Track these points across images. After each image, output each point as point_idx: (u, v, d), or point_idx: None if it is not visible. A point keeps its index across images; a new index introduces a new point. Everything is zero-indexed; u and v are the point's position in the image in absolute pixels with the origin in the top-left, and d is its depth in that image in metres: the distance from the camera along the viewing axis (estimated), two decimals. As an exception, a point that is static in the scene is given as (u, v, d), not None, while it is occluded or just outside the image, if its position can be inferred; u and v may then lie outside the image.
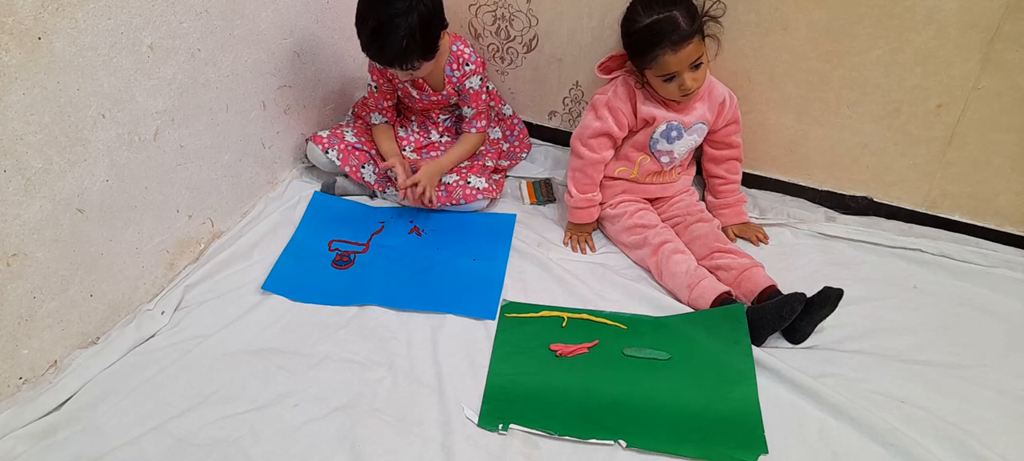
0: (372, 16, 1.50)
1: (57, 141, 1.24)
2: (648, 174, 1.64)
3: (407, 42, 1.49)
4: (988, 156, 1.53)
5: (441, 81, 1.71)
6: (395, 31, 1.47)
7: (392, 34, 1.48)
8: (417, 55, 1.53)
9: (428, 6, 1.51)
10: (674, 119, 1.55)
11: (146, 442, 1.21)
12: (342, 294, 1.51)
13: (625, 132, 1.59)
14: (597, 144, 1.59)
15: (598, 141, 1.58)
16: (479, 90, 1.71)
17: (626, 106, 1.55)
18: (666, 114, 1.55)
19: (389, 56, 1.53)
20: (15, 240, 1.22)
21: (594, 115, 1.58)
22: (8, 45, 1.12)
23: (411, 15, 1.47)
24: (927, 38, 1.45)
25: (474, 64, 1.68)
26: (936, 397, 1.25)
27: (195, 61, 1.48)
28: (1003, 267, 1.53)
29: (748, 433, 1.20)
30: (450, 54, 1.67)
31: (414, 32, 1.48)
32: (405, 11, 1.47)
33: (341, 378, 1.33)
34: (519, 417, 1.24)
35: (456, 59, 1.67)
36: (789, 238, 1.65)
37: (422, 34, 1.50)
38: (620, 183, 1.66)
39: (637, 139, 1.60)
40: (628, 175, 1.64)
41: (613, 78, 1.59)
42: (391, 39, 1.48)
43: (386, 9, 1.48)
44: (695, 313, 1.44)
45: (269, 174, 1.81)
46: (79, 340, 1.38)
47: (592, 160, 1.59)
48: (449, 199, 1.73)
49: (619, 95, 1.56)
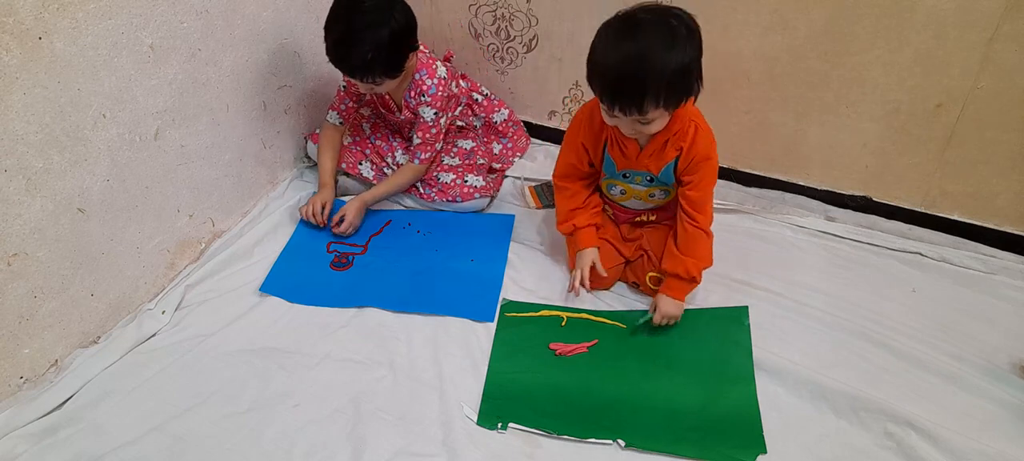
0: (341, 24, 1.49)
1: (58, 141, 1.24)
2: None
3: (371, 56, 1.48)
4: (987, 156, 1.53)
5: (401, 103, 1.71)
6: (361, 43, 1.46)
7: (358, 45, 1.47)
8: (379, 71, 1.52)
9: (400, 24, 1.50)
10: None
11: (146, 442, 1.21)
12: (340, 296, 1.52)
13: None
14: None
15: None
16: (430, 123, 1.66)
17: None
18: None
19: (350, 67, 1.52)
20: (16, 240, 1.22)
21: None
22: (9, 45, 1.12)
23: (381, 30, 1.46)
24: (926, 38, 1.45)
25: (431, 98, 1.64)
26: (935, 402, 1.25)
27: (196, 61, 1.48)
28: (1003, 274, 1.53)
29: (747, 433, 1.20)
30: (412, 81, 1.65)
31: (381, 47, 1.47)
32: (376, 25, 1.46)
33: (341, 377, 1.33)
34: (518, 416, 1.25)
35: (417, 87, 1.64)
36: (789, 237, 1.65)
37: (388, 51, 1.49)
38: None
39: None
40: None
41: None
42: (356, 50, 1.47)
43: (357, 20, 1.47)
44: (694, 311, 1.44)
45: (269, 174, 1.81)
46: (80, 340, 1.38)
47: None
48: (446, 197, 1.74)
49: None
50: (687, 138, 1.30)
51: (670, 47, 1.13)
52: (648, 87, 1.14)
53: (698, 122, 1.31)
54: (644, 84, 1.14)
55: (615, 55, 1.15)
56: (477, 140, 1.83)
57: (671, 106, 1.19)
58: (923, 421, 1.19)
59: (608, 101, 1.20)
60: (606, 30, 1.20)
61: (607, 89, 1.19)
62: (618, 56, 1.15)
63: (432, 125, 1.67)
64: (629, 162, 1.37)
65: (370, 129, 1.84)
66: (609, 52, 1.17)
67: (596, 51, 1.20)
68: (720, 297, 1.48)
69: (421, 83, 1.63)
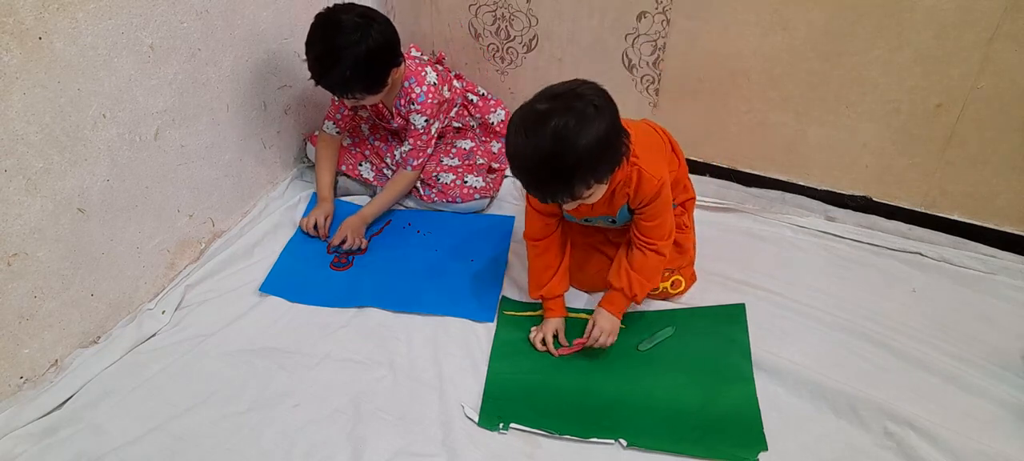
0: (320, 43, 1.49)
1: (58, 141, 1.24)
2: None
3: (350, 73, 1.48)
4: (987, 155, 1.53)
5: (392, 111, 1.71)
6: (340, 62, 1.47)
7: (337, 64, 1.47)
8: (359, 88, 1.52)
9: (377, 42, 1.49)
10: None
11: (147, 441, 1.21)
12: (340, 296, 1.52)
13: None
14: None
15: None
16: (421, 130, 1.66)
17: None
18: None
19: (330, 84, 1.53)
20: (16, 240, 1.22)
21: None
22: (9, 45, 1.12)
23: (359, 47, 1.46)
24: (926, 38, 1.45)
25: (421, 105, 1.63)
26: (935, 402, 1.25)
27: (196, 61, 1.48)
28: (1003, 274, 1.53)
29: (747, 431, 1.20)
30: (401, 89, 1.65)
31: (359, 65, 1.48)
32: (354, 43, 1.46)
33: (341, 377, 1.33)
34: (519, 416, 1.24)
35: (406, 95, 1.64)
36: (789, 237, 1.65)
37: (367, 69, 1.50)
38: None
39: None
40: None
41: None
42: (335, 68, 1.48)
43: (336, 38, 1.47)
44: (693, 310, 1.44)
45: (269, 174, 1.81)
46: (80, 339, 1.38)
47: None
48: (446, 198, 1.74)
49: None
50: (631, 184, 1.27)
51: (581, 129, 1.09)
52: (574, 175, 1.11)
53: (639, 165, 1.26)
54: (569, 174, 1.11)
55: (531, 154, 1.11)
56: (475, 140, 1.83)
57: (604, 178, 1.17)
58: (923, 421, 1.19)
59: (539, 196, 1.19)
60: (514, 127, 1.15)
61: (534, 187, 1.17)
62: (535, 155, 1.11)
63: (422, 132, 1.67)
64: (585, 213, 1.36)
65: (369, 130, 1.84)
66: (526, 151, 1.12)
67: (512, 149, 1.15)
68: (720, 297, 1.47)
69: (410, 90, 1.63)
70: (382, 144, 1.81)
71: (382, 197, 1.71)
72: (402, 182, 1.72)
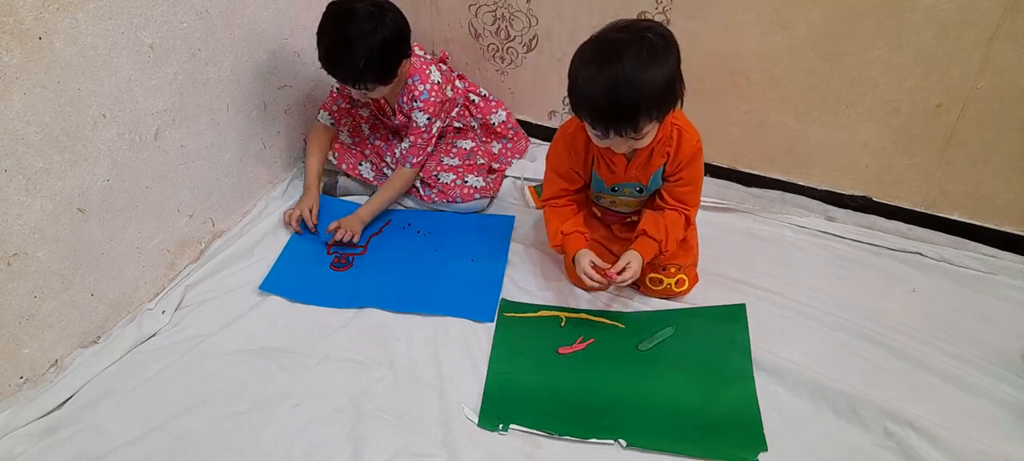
0: (332, 32, 1.49)
1: (58, 141, 1.24)
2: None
3: (364, 63, 1.48)
4: (987, 155, 1.53)
5: (395, 108, 1.71)
6: (354, 52, 1.46)
7: (349, 53, 1.47)
8: (372, 78, 1.52)
9: (391, 31, 1.49)
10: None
11: (147, 442, 1.21)
12: (340, 296, 1.51)
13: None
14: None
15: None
16: (423, 129, 1.66)
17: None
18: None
19: (342, 74, 1.52)
20: (16, 240, 1.22)
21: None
22: (9, 45, 1.12)
23: (373, 37, 1.46)
24: (926, 38, 1.45)
25: (424, 103, 1.63)
26: (935, 402, 1.24)
27: (196, 61, 1.48)
28: (1003, 274, 1.53)
29: (747, 431, 1.20)
30: (405, 86, 1.65)
31: (373, 55, 1.48)
32: (368, 33, 1.46)
33: (341, 378, 1.33)
34: (519, 417, 1.25)
35: (409, 92, 1.65)
36: (789, 237, 1.65)
37: (380, 59, 1.50)
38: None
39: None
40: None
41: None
42: (349, 58, 1.47)
43: (350, 28, 1.47)
44: (693, 310, 1.44)
45: (269, 174, 1.81)
46: (80, 339, 1.38)
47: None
48: (446, 198, 1.74)
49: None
50: (672, 143, 1.31)
51: (653, 63, 1.12)
52: (640, 107, 1.13)
53: (680, 124, 1.31)
54: (636, 105, 1.13)
55: (601, 82, 1.13)
56: (476, 140, 1.83)
57: (662, 117, 1.20)
58: (923, 421, 1.19)
59: (602, 127, 1.18)
60: (583, 57, 1.17)
61: (600, 116, 1.17)
62: (605, 82, 1.12)
63: (424, 131, 1.67)
64: (617, 177, 1.37)
65: (369, 130, 1.84)
66: (594, 80, 1.14)
67: (579, 80, 1.16)
68: (720, 297, 1.47)
69: (414, 88, 1.63)
70: (382, 143, 1.81)
71: (381, 195, 1.71)
72: (401, 180, 1.72)
